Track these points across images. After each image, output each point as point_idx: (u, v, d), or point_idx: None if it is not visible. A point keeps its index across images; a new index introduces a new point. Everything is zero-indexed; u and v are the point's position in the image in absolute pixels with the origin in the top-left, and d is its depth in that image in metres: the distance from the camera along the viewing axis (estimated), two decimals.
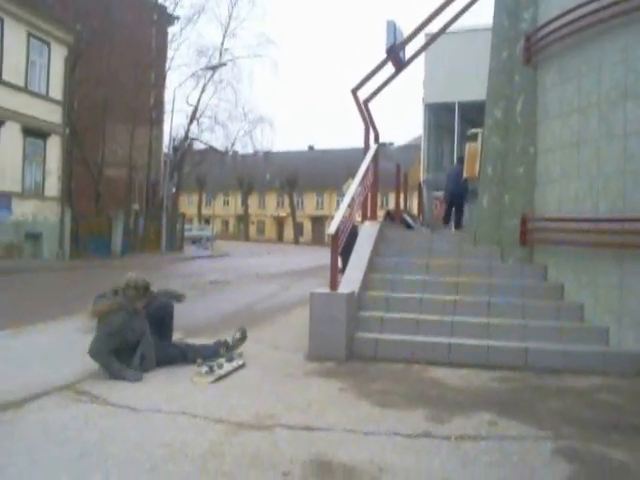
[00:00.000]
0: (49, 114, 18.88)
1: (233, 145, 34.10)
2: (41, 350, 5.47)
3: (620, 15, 5.29)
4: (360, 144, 8.65)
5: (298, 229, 58.26)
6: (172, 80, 29.56)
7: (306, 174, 56.18)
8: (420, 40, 9.48)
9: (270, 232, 62.95)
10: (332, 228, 5.58)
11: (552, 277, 6.26)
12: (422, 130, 19.73)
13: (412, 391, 4.36)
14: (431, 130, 19.24)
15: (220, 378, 4.55)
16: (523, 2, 6.90)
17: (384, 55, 8.08)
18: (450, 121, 18.10)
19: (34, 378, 4.40)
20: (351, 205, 6.59)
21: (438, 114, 18.79)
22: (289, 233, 59.54)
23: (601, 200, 5.46)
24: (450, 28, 8.86)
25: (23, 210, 17.80)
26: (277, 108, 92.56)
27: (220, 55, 30.83)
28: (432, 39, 9.36)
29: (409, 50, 8.44)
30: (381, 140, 8.97)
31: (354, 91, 8.17)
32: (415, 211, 14.84)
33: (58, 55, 19.37)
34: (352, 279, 6.07)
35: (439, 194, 15.66)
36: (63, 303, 9.10)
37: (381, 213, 10.51)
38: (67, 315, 7.43)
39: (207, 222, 49.94)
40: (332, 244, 5.63)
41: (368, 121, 8.42)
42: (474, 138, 10.75)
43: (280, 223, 62.51)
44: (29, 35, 18.02)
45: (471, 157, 10.57)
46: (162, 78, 28.67)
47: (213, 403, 3.92)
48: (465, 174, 11.00)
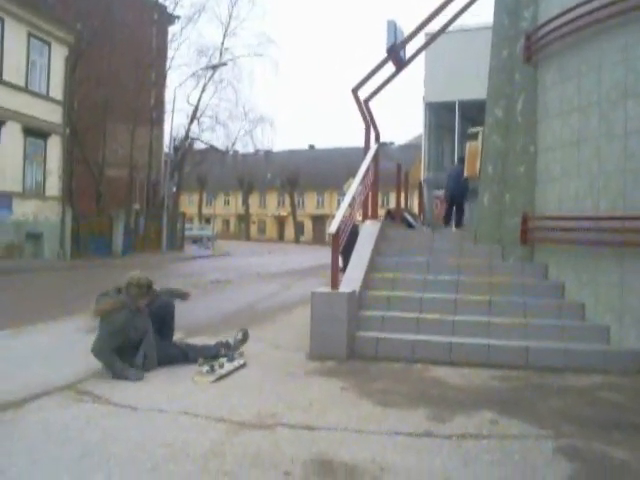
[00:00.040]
0: (49, 114, 18.88)
1: (234, 144, 34.11)
2: (42, 350, 5.48)
3: (619, 14, 5.29)
4: (361, 143, 8.65)
5: (299, 228, 58.31)
6: (172, 80, 29.85)
7: (307, 173, 56.17)
8: (420, 39, 9.49)
9: (271, 231, 62.97)
10: (333, 227, 5.58)
11: (553, 276, 6.26)
12: (423, 129, 19.76)
13: (413, 390, 4.36)
14: (432, 129, 19.27)
15: (221, 377, 4.55)
16: (523, 1, 6.90)
17: (384, 54, 8.08)
18: (450, 120, 18.13)
19: (35, 378, 4.40)
20: (352, 204, 6.59)
21: (438, 113, 18.82)
22: (290, 232, 59.56)
23: (602, 199, 5.46)
24: (450, 27, 8.87)
25: (24, 210, 17.81)
26: (278, 107, 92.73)
27: (220, 54, 30.85)
28: (432, 38, 9.36)
29: (409, 49, 8.46)
30: (382, 139, 8.98)
31: (354, 90, 8.17)
32: (416, 210, 14.83)
33: (58, 55, 19.37)
34: (353, 278, 6.07)
35: (440, 193, 15.68)
36: (64, 303, 9.11)
37: (382, 212, 10.50)
38: (68, 315, 7.44)
39: (208, 222, 49.94)
40: (333, 243, 5.63)
41: (369, 120, 8.42)
42: (474, 137, 10.74)
43: (281, 222, 62.52)
44: (29, 35, 18.02)
45: (472, 156, 10.56)
46: (162, 78, 28.68)
47: (214, 402, 3.92)
48: (466, 173, 11.00)
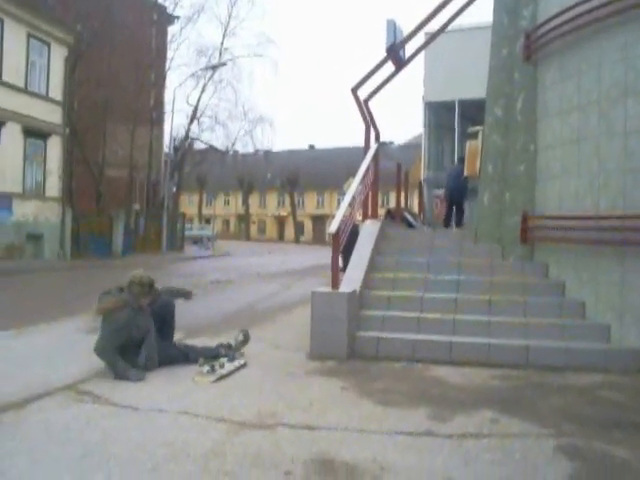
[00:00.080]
0: (49, 114, 18.88)
1: (233, 145, 34.07)
2: (42, 350, 5.47)
3: (618, 13, 5.28)
4: (361, 143, 8.65)
5: (299, 228, 58.29)
6: (172, 80, 29.72)
7: (307, 173, 56.15)
8: (420, 39, 9.49)
9: (271, 231, 62.96)
10: (333, 227, 5.57)
11: (553, 274, 6.26)
12: (422, 129, 19.76)
13: (414, 390, 4.36)
14: (431, 128, 19.27)
15: (222, 377, 4.55)
16: (522, 0, 6.90)
17: (384, 54, 8.07)
18: (450, 119, 18.12)
19: (35, 378, 4.40)
20: (352, 204, 6.59)
21: (438, 112, 18.82)
22: (290, 232, 59.54)
23: (602, 197, 5.46)
24: (450, 26, 8.86)
25: (24, 211, 17.81)
26: (277, 107, 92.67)
27: (220, 55, 30.83)
28: (432, 38, 9.35)
29: (409, 49, 8.45)
30: (381, 139, 8.98)
31: (354, 90, 8.17)
32: (416, 210, 14.83)
33: (58, 56, 19.37)
34: (353, 278, 6.07)
35: (440, 192, 15.67)
36: (64, 303, 9.12)
37: (382, 212, 10.50)
38: (68, 315, 7.45)
39: (208, 222, 49.92)
40: (333, 243, 5.62)
41: (368, 120, 8.42)
42: (474, 136, 10.75)
43: (281, 222, 62.51)
44: (29, 36, 18.01)
45: (472, 155, 10.56)
46: (162, 78, 28.69)
47: (215, 402, 3.93)
48: (466, 172, 11.01)
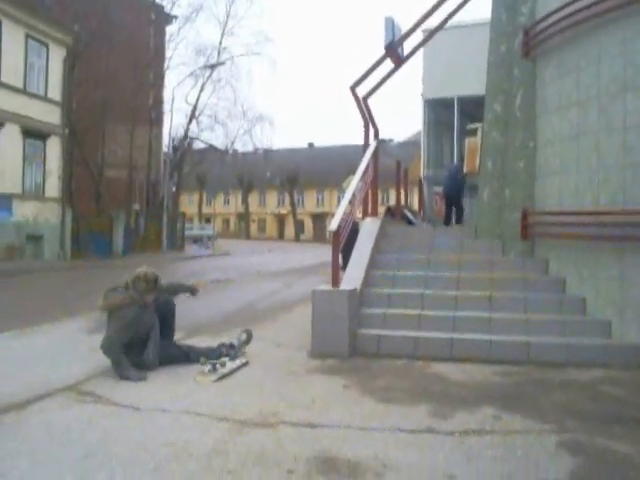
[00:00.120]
0: (48, 115, 18.87)
1: (233, 143, 34.05)
2: (43, 351, 5.47)
3: (617, 8, 5.27)
4: (360, 141, 8.65)
5: (299, 227, 58.26)
6: (171, 79, 29.82)
7: (306, 171, 56.11)
8: (418, 36, 9.49)
9: (271, 230, 62.94)
10: (333, 224, 5.56)
11: (553, 270, 6.26)
12: (422, 126, 19.73)
13: (415, 387, 4.36)
14: (431, 126, 19.23)
15: (223, 377, 4.55)
16: None
17: (383, 51, 8.07)
18: (449, 116, 18.09)
19: (37, 379, 4.40)
20: (352, 202, 6.58)
21: (437, 109, 18.78)
22: (290, 231, 59.53)
23: (601, 193, 5.46)
24: (448, 23, 8.85)
25: (24, 211, 17.80)
26: (277, 106, 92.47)
27: (218, 54, 30.80)
28: (430, 35, 9.35)
29: (407, 46, 8.45)
30: (381, 136, 8.97)
31: (353, 88, 8.16)
32: (416, 207, 14.83)
33: (56, 56, 19.34)
34: (354, 276, 6.07)
35: (439, 189, 15.67)
36: (65, 304, 9.12)
37: (382, 209, 10.49)
38: (69, 315, 7.45)
39: (208, 221, 49.95)
40: (333, 241, 5.62)
41: (367, 118, 8.41)
42: (473, 133, 10.76)
43: (281, 221, 62.48)
44: (27, 37, 18.00)
45: (471, 152, 10.58)
46: (161, 78, 28.64)
47: (216, 402, 3.93)
48: (465, 169, 11.01)
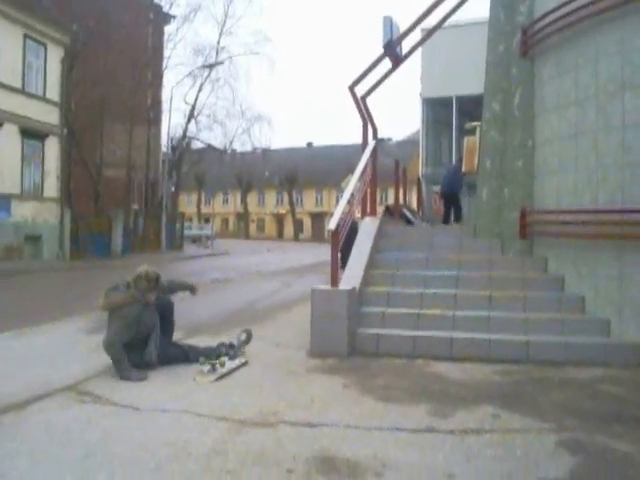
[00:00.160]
0: (46, 115, 18.83)
1: (231, 143, 34.09)
2: (43, 351, 5.47)
3: (615, 7, 5.27)
4: (358, 140, 8.64)
5: (298, 226, 58.27)
6: (169, 79, 29.80)
7: (305, 171, 56.11)
8: (417, 35, 9.49)
9: (270, 229, 62.94)
10: (332, 224, 5.56)
11: (552, 269, 6.26)
12: (420, 125, 19.78)
13: (415, 386, 4.36)
14: (429, 125, 19.28)
15: (222, 376, 4.55)
16: None
17: (381, 51, 8.06)
18: (448, 115, 18.13)
19: (36, 379, 4.40)
20: (351, 201, 6.58)
21: (436, 109, 18.82)
22: (289, 230, 59.53)
23: (600, 192, 5.46)
24: (446, 22, 8.85)
25: (22, 212, 17.77)
26: (275, 105, 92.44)
27: (217, 53, 30.81)
28: (429, 34, 9.33)
29: (406, 45, 8.43)
30: (379, 136, 8.97)
31: (352, 87, 8.15)
32: (414, 206, 14.83)
33: (54, 56, 19.30)
34: (353, 275, 6.07)
35: (438, 188, 15.69)
36: (64, 304, 9.11)
37: (380, 208, 10.49)
38: (68, 316, 7.45)
39: (207, 221, 49.91)
40: (332, 240, 5.62)
41: (366, 117, 8.41)
42: (472, 132, 10.77)
43: (280, 220, 62.47)
44: (25, 36, 17.95)
45: (469, 151, 10.58)
46: (159, 77, 28.61)
47: (216, 401, 3.93)
48: (464, 168, 11.01)
